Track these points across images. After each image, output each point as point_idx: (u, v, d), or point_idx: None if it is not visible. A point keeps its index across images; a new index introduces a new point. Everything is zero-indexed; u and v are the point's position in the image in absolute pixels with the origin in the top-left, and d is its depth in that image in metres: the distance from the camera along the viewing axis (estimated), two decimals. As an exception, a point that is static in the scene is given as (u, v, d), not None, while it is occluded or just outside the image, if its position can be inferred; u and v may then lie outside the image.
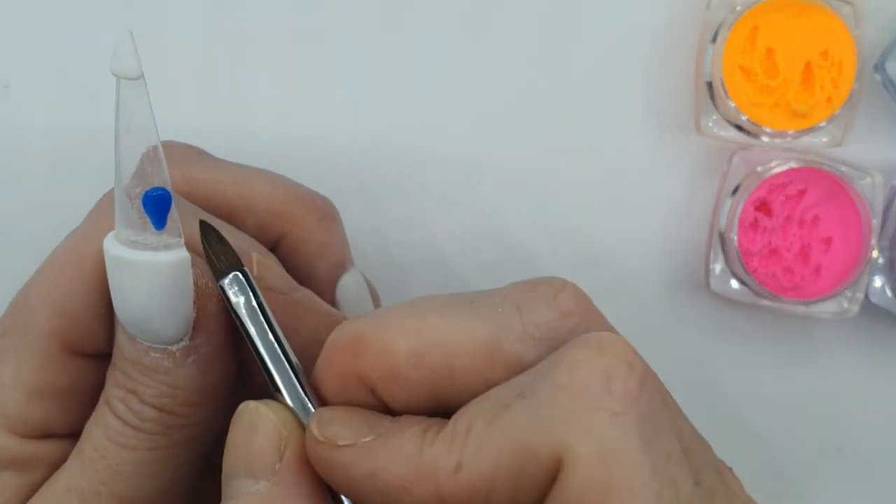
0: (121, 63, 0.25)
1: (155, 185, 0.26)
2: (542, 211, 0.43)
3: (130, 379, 0.27)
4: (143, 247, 0.26)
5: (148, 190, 0.26)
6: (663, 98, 0.43)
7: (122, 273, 0.26)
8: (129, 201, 0.26)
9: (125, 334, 0.27)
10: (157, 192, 0.26)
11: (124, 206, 0.26)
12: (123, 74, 0.25)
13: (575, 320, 0.25)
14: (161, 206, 0.26)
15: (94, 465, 0.28)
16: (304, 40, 0.42)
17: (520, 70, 0.43)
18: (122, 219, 0.26)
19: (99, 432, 0.28)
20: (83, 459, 0.28)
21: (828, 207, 0.42)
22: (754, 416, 0.44)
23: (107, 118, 0.42)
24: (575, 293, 0.26)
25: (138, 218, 0.26)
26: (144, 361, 0.27)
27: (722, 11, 0.41)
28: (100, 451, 0.28)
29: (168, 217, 0.26)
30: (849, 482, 0.44)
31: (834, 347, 0.44)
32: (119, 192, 0.26)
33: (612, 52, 0.43)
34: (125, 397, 0.27)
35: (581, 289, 0.26)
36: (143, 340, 0.27)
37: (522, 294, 0.25)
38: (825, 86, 0.41)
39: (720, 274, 0.42)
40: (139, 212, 0.26)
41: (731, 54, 0.40)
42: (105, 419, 0.28)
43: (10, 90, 0.42)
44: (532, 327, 0.24)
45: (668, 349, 0.43)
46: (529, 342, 0.24)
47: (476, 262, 0.43)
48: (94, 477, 0.28)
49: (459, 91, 0.43)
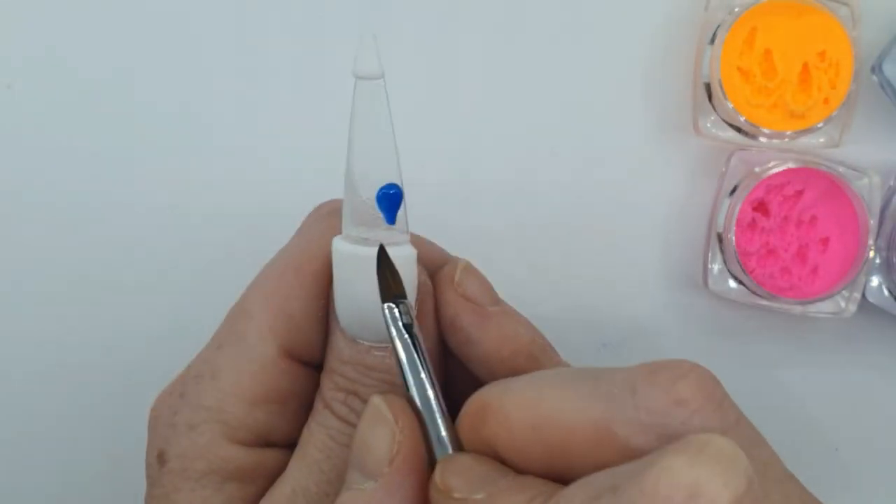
0: (363, 64, 0.26)
1: (391, 182, 0.27)
2: (541, 211, 0.43)
3: (350, 381, 0.28)
4: (374, 243, 0.27)
5: (383, 186, 0.27)
6: (662, 99, 0.43)
7: (353, 269, 0.27)
8: (362, 198, 0.27)
9: (344, 338, 0.28)
10: (392, 189, 0.27)
11: (356, 204, 0.27)
12: (366, 75, 0.26)
13: (690, 410, 0.24)
14: (394, 202, 0.27)
15: (319, 465, 0.28)
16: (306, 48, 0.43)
17: (519, 71, 0.43)
18: (353, 216, 0.27)
19: (322, 433, 0.28)
20: (308, 461, 0.28)
21: (825, 208, 0.42)
22: (752, 414, 0.44)
23: (108, 117, 0.42)
24: (699, 381, 0.24)
25: (370, 214, 0.27)
26: (366, 361, 0.28)
27: (720, 13, 0.41)
28: (325, 453, 0.28)
29: (397, 214, 0.27)
30: (846, 480, 0.45)
31: (831, 347, 0.44)
32: (350, 190, 0.27)
33: (610, 53, 0.43)
34: (346, 399, 0.28)
35: (714, 378, 0.25)
36: (364, 340, 0.28)
37: (642, 376, 0.24)
38: (823, 87, 0.41)
39: (718, 274, 0.42)
40: (372, 208, 0.27)
41: (729, 55, 0.41)
42: (328, 422, 0.28)
43: (12, 90, 0.42)
44: (644, 412, 0.23)
45: (666, 348, 0.43)
46: (639, 428, 0.23)
47: (471, 261, 0.43)
48: (320, 478, 0.28)
49: (459, 91, 0.43)
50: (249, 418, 0.29)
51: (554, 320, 0.44)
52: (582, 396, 0.24)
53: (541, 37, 0.43)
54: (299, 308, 0.29)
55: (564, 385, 0.25)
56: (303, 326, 0.29)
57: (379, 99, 0.26)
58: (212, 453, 0.28)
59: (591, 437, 0.24)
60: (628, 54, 0.43)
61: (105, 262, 0.43)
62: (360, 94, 0.26)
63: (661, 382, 0.24)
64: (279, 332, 0.29)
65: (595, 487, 0.22)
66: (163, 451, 0.29)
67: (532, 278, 0.43)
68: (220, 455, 0.28)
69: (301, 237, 0.30)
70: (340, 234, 0.28)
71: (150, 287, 0.43)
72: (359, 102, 0.26)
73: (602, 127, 0.43)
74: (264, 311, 0.29)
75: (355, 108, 0.26)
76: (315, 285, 0.29)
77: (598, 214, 0.43)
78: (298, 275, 0.29)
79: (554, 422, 0.24)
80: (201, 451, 0.28)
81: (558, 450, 0.24)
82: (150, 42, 0.42)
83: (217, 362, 0.29)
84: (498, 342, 0.29)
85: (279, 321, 0.29)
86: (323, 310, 0.29)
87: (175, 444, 0.29)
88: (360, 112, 0.26)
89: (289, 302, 0.29)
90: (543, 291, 0.44)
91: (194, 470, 0.28)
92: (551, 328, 0.43)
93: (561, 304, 0.44)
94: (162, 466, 0.29)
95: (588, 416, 0.24)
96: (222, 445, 0.28)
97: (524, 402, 0.25)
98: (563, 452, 0.24)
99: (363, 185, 0.27)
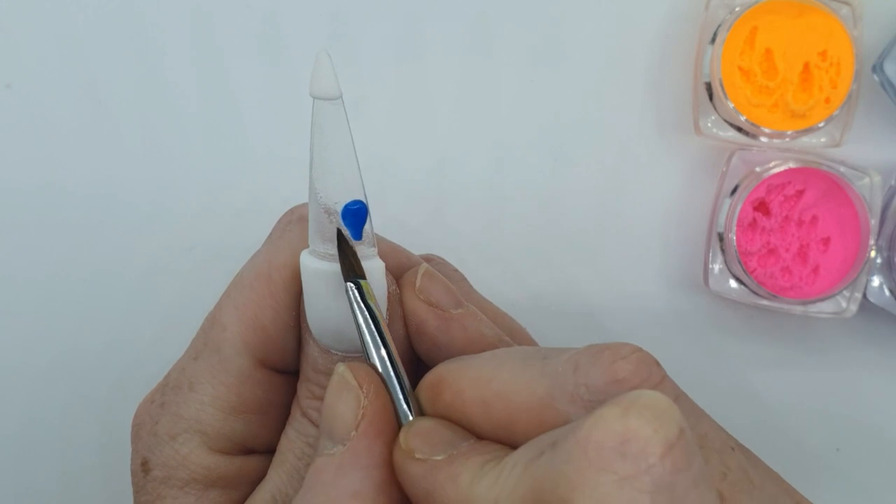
0: (320, 84, 0.26)
1: (354, 199, 0.27)
2: (541, 210, 0.43)
3: (325, 389, 0.28)
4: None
5: (347, 203, 0.27)
6: (662, 99, 0.43)
7: (321, 284, 0.28)
8: (327, 216, 0.27)
9: (317, 347, 0.29)
10: (356, 205, 0.27)
11: (321, 221, 0.27)
12: (323, 95, 0.26)
13: (628, 387, 0.24)
14: (359, 218, 0.27)
15: (299, 472, 0.29)
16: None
17: (519, 71, 0.43)
18: (319, 232, 0.27)
19: (301, 441, 0.29)
20: (286, 468, 0.29)
21: (826, 207, 0.42)
22: (752, 414, 0.44)
23: (109, 117, 0.42)
24: (638, 362, 0.25)
25: (335, 230, 0.27)
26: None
27: (721, 12, 0.41)
28: (304, 460, 0.29)
29: (363, 229, 0.28)
30: (847, 480, 0.45)
31: (832, 346, 0.44)
32: (315, 208, 0.27)
33: (611, 52, 0.43)
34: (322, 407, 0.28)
35: (655, 361, 0.25)
36: (336, 350, 0.29)
37: (586, 356, 0.25)
38: (824, 86, 0.41)
39: (719, 273, 0.42)
40: (337, 223, 0.27)
41: (729, 55, 0.41)
42: (305, 429, 0.29)
43: (11, 90, 0.42)
44: (583, 388, 0.24)
45: (666, 348, 0.43)
46: (579, 403, 0.24)
47: (475, 261, 0.43)
48: (300, 484, 0.28)
49: (459, 91, 0.43)
50: (228, 428, 0.29)
51: (554, 319, 0.44)
52: (530, 375, 0.25)
53: (541, 37, 0.43)
54: (271, 318, 0.29)
55: (515, 364, 0.26)
56: (276, 336, 0.29)
57: (338, 118, 0.26)
58: (193, 463, 0.29)
59: (535, 412, 0.25)
60: (628, 54, 0.43)
61: (105, 262, 0.43)
62: (318, 114, 0.26)
63: (601, 362, 0.25)
64: (253, 343, 0.29)
65: (538, 446, 0.23)
66: (146, 459, 0.30)
67: (532, 278, 0.43)
68: (202, 464, 0.29)
69: (270, 245, 0.31)
70: (307, 248, 0.28)
71: (150, 287, 0.43)
72: (318, 122, 0.26)
73: (602, 127, 0.43)
74: (237, 323, 0.29)
75: (315, 128, 0.26)
76: (286, 294, 0.29)
77: (598, 214, 0.43)
78: (269, 284, 0.29)
79: (502, 399, 0.25)
80: (182, 461, 0.29)
81: (506, 422, 0.25)
82: (150, 42, 0.42)
83: (194, 373, 0.29)
84: (463, 344, 0.29)
85: (252, 333, 0.29)
86: (294, 319, 0.29)
87: (158, 454, 0.29)
88: (319, 131, 0.26)
89: (261, 312, 0.29)
90: (544, 291, 0.44)
91: (177, 479, 0.29)
92: (552, 327, 0.43)
93: (561, 304, 0.44)
94: (146, 475, 0.29)
95: (533, 394, 0.25)
96: (203, 455, 0.29)
97: (476, 379, 0.26)
98: (511, 425, 0.25)
99: (327, 202, 0.27)
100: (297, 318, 0.29)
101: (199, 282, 0.42)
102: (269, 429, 0.30)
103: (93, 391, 0.43)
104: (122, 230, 0.42)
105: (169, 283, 0.43)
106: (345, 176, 0.27)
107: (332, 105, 0.26)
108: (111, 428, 0.42)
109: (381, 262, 0.28)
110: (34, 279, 0.43)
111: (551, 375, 0.25)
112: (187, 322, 0.31)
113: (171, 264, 0.43)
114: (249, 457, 0.30)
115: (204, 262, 0.43)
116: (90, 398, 0.43)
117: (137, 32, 0.42)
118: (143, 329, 0.43)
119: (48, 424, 0.43)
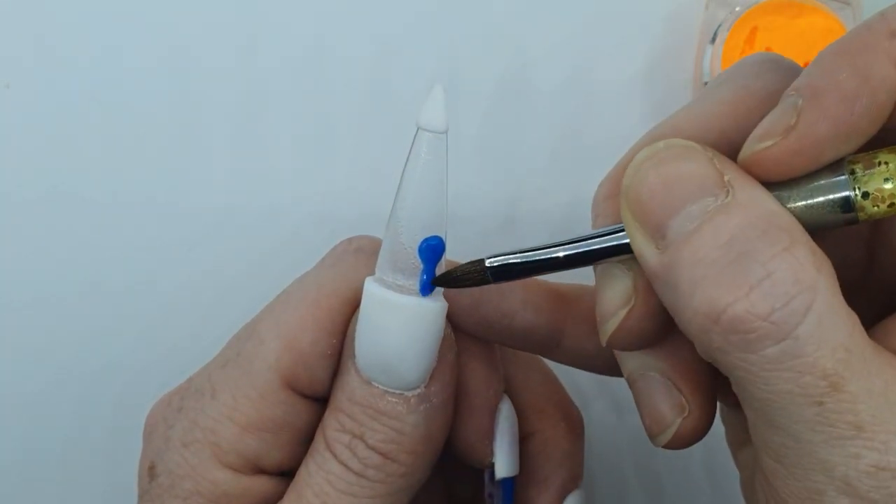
0: (430, 116, 0.26)
1: (435, 234, 0.27)
2: (540, 210, 0.43)
3: (358, 424, 0.28)
4: (409, 291, 0.27)
5: (427, 238, 0.27)
6: (662, 99, 0.43)
7: (384, 314, 0.27)
8: (404, 246, 0.27)
9: (359, 378, 0.28)
10: (435, 241, 0.27)
11: (396, 249, 0.27)
12: (431, 128, 0.26)
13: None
14: (436, 254, 0.27)
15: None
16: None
17: (519, 71, 0.43)
18: (392, 262, 0.27)
19: (321, 478, 0.28)
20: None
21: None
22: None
23: (108, 118, 0.42)
24: None
25: (409, 262, 0.27)
26: (378, 405, 0.28)
27: (721, 12, 0.41)
28: (321, 498, 0.28)
29: (437, 266, 0.27)
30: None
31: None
32: (393, 237, 0.27)
33: (611, 52, 0.43)
34: (350, 442, 0.28)
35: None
36: (381, 384, 0.28)
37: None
38: (823, 86, 0.41)
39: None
40: (413, 257, 0.27)
41: (729, 55, 0.41)
42: (327, 465, 0.28)
43: (10, 90, 0.42)
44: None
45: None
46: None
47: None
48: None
49: (458, 91, 0.43)
50: (241, 444, 0.29)
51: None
52: None
53: (540, 37, 0.43)
54: (310, 342, 0.29)
55: None
56: (310, 361, 0.29)
57: (439, 152, 0.26)
58: (200, 475, 0.28)
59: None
60: (628, 54, 0.43)
61: (105, 262, 0.43)
62: (420, 145, 0.26)
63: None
64: (286, 363, 0.29)
65: None
66: (154, 464, 0.29)
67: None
68: (209, 478, 0.28)
69: (324, 270, 0.30)
70: (373, 275, 0.28)
71: (149, 288, 0.43)
72: (418, 152, 0.26)
73: (602, 126, 0.43)
74: (276, 339, 0.29)
75: (413, 157, 0.26)
76: (330, 322, 0.29)
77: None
78: (316, 309, 0.29)
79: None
80: (190, 471, 0.29)
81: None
82: (151, 42, 0.42)
83: (219, 381, 0.29)
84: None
85: (288, 353, 0.28)
86: (333, 347, 0.29)
87: (167, 459, 0.29)
88: (417, 162, 0.26)
89: (302, 334, 0.29)
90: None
91: (182, 488, 0.29)
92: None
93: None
94: (152, 480, 0.29)
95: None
96: (211, 468, 0.29)
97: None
98: None
99: (408, 233, 0.27)
100: (336, 346, 0.29)
101: (204, 285, 0.42)
102: (282, 450, 0.29)
103: (100, 395, 0.43)
104: (123, 231, 0.42)
105: (171, 284, 0.43)
106: (432, 210, 0.27)
107: (436, 139, 0.26)
108: (116, 430, 0.42)
109: (446, 302, 0.28)
110: (34, 279, 0.43)
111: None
112: (192, 324, 0.31)
113: (175, 266, 0.43)
114: (257, 477, 0.29)
115: (210, 265, 0.43)
116: (96, 400, 0.43)
117: (138, 32, 0.42)
118: (148, 332, 0.43)
119: (52, 426, 0.43)
